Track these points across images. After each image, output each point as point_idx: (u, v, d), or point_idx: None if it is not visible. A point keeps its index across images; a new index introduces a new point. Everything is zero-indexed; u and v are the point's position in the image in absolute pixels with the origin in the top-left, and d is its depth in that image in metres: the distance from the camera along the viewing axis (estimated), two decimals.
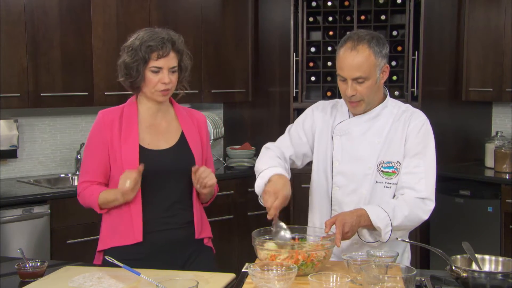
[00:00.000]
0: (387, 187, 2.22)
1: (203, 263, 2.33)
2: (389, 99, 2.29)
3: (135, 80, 2.24)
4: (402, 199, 2.15)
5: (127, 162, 2.23)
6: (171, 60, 2.23)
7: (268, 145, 2.38)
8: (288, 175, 2.21)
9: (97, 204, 2.26)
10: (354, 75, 2.14)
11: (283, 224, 2.10)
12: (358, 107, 2.22)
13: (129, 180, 2.14)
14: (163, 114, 2.35)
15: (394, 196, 2.22)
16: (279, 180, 2.13)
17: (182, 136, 2.35)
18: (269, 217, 2.07)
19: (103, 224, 2.35)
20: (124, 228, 2.26)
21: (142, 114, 2.32)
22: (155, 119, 2.33)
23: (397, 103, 2.32)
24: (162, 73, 2.22)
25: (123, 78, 2.29)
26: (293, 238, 2.10)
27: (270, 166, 2.20)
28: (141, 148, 2.26)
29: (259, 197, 2.20)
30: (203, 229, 2.38)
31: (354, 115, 2.27)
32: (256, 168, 2.28)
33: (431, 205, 2.18)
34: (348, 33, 2.23)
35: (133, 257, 2.21)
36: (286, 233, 2.09)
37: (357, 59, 2.13)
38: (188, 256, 2.33)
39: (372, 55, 2.13)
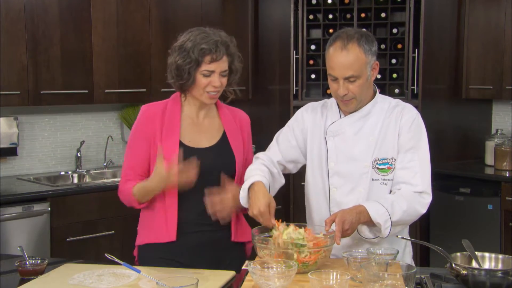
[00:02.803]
0: (383, 183, 2.22)
1: (237, 265, 2.28)
2: (378, 95, 2.28)
3: (185, 83, 2.19)
4: (399, 193, 2.15)
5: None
6: (223, 64, 2.19)
7: (258, 154, 2.36)
8: (269, 178, 2.19)
9: (132, 194, 2.21)
10: (346, 74, 2.12)
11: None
12: (350, 104, 2.21)
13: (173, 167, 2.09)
14: (206, 112, 2.32)
15: (390, 192, 2.22)
16: (254, 195, 2.09)
17: (224, 135, 2.31)
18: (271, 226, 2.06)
19: (140, 219, 2.33)
20: (159, 225, 2.23)
21: (185, 111, 2.29)
22: (198, 117, 2.30)
23: (387, 98, 2.31)
24: (213, 77, 2.17)
25: (173, 79, 2.23)
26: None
27: (248, 177, 2.17)
28: (182, 145, 2.22)
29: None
30: (240, 232, 2.33)
31: (346, 114, 2.26)
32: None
33: (428, 198, 2.18)
34: (335, 32, 2.21)
35: (166, 255, 2.21)
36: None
37: (348, 58, 2.11)
38: (223, 258, 2.29)
39: (362, 53, 2.12)
